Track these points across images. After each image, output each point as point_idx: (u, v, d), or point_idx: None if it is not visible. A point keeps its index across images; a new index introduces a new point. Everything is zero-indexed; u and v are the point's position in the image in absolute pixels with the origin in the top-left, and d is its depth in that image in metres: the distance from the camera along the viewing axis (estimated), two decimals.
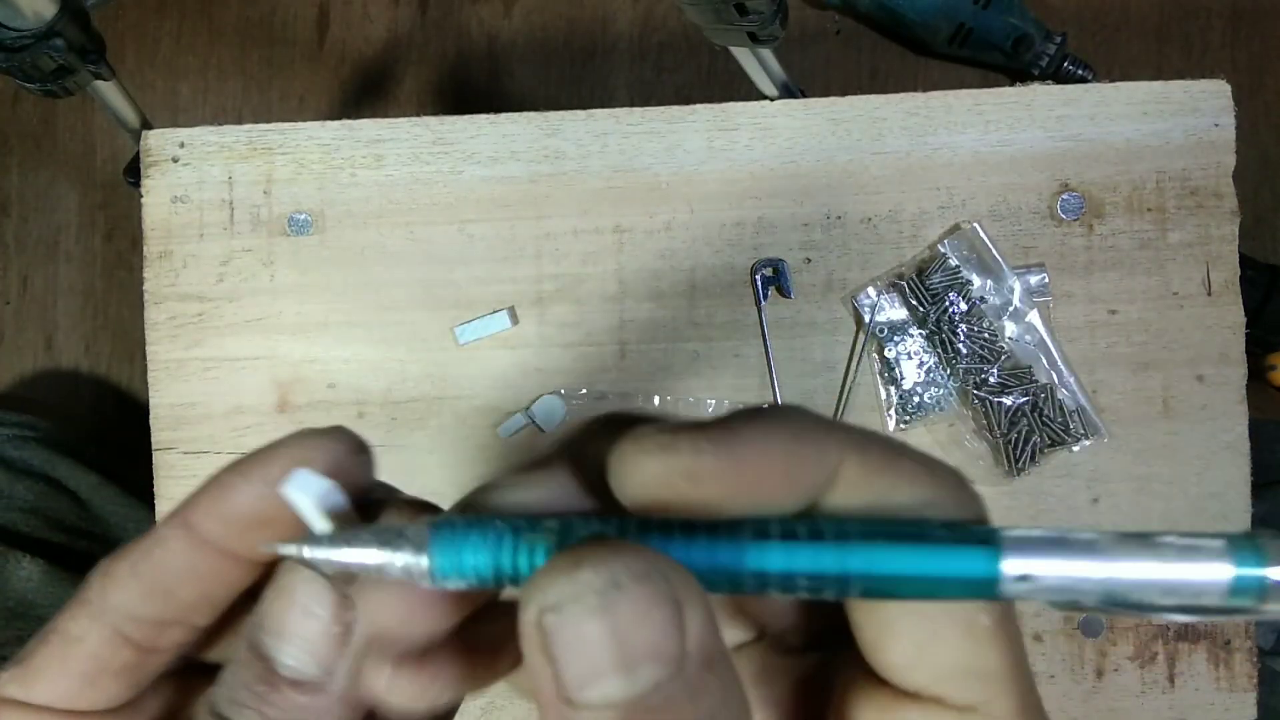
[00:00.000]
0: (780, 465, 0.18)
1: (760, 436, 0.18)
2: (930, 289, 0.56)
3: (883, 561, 0.18)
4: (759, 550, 0.18)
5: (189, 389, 0.58)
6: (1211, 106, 0.56)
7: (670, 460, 0.18)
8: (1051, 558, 0.18)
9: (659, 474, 0.18)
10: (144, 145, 0.58)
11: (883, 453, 0.19)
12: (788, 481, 0.18)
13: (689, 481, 0.18)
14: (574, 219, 0.58)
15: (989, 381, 0.56)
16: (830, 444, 0.18)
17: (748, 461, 0.18)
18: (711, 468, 0.18)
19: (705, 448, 0.18)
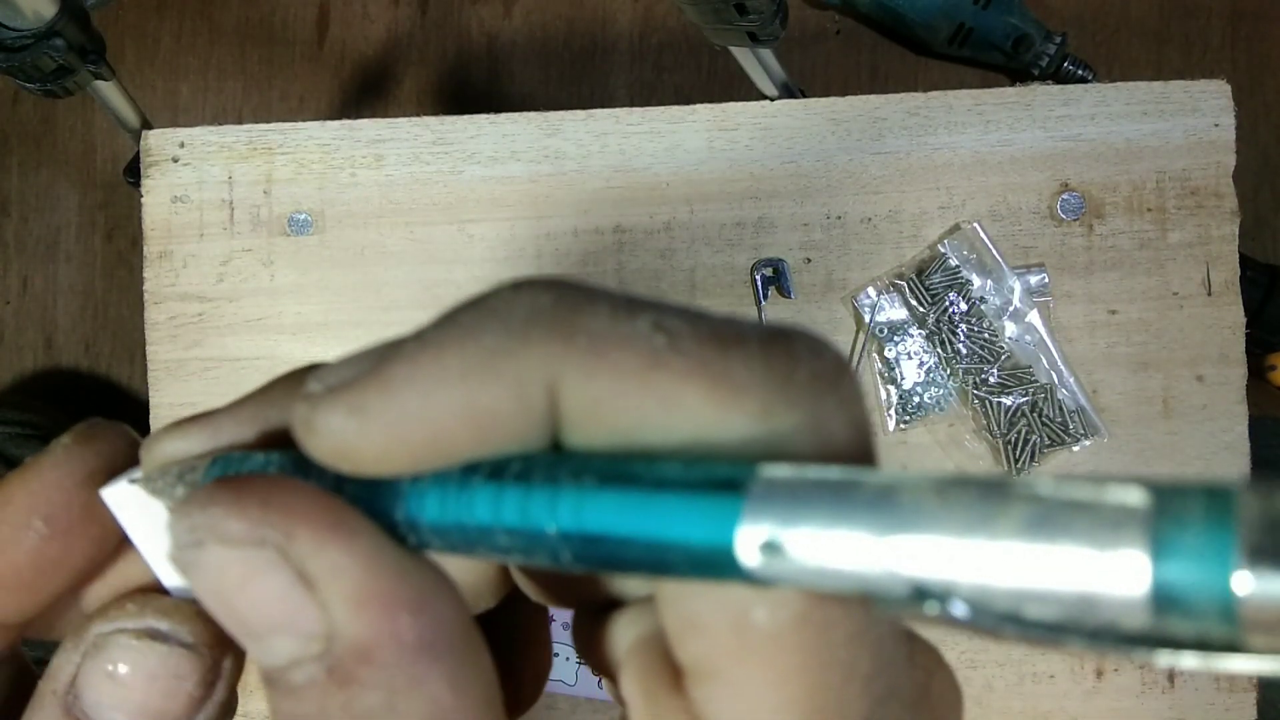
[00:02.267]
0: (451, 409, 0.13)
1: (425, 363, 0.14)
2: (930, 289, 0.56)
3: (589, 512, 0.13)
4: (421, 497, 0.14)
5: (189, 389, 0.58)
6: (1211, 106, 0.56)
7: (318, 438, 0.14)
8: (819, 518, 0.11)
9: (316, 442, 0.14)
10: (144, 145, 0.58)
11: (630, 365, 0.13)
12: (470, 428, 0.13)
13: (345, 453, 0.14)
14: (574, 219, 0.58)
15: (989, 381, 0.56)
16: (528, 363, 0.13)
17: (407, 413, 0.14)
18: (363, 444, 0.14)
19: (344, 420, 0.14)
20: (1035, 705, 0.56)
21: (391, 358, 0.14)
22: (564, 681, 0.56)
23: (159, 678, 0.17)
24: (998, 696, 0.56)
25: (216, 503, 0.14)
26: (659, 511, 0.12)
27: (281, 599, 0.14)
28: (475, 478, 0.14)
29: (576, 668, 0.56)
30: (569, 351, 0.13)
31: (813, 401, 0.13)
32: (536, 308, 0.14)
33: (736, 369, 0.13)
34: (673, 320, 0.13)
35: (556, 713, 0.57)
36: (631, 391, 0.13)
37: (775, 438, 0.12)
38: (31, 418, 0.86)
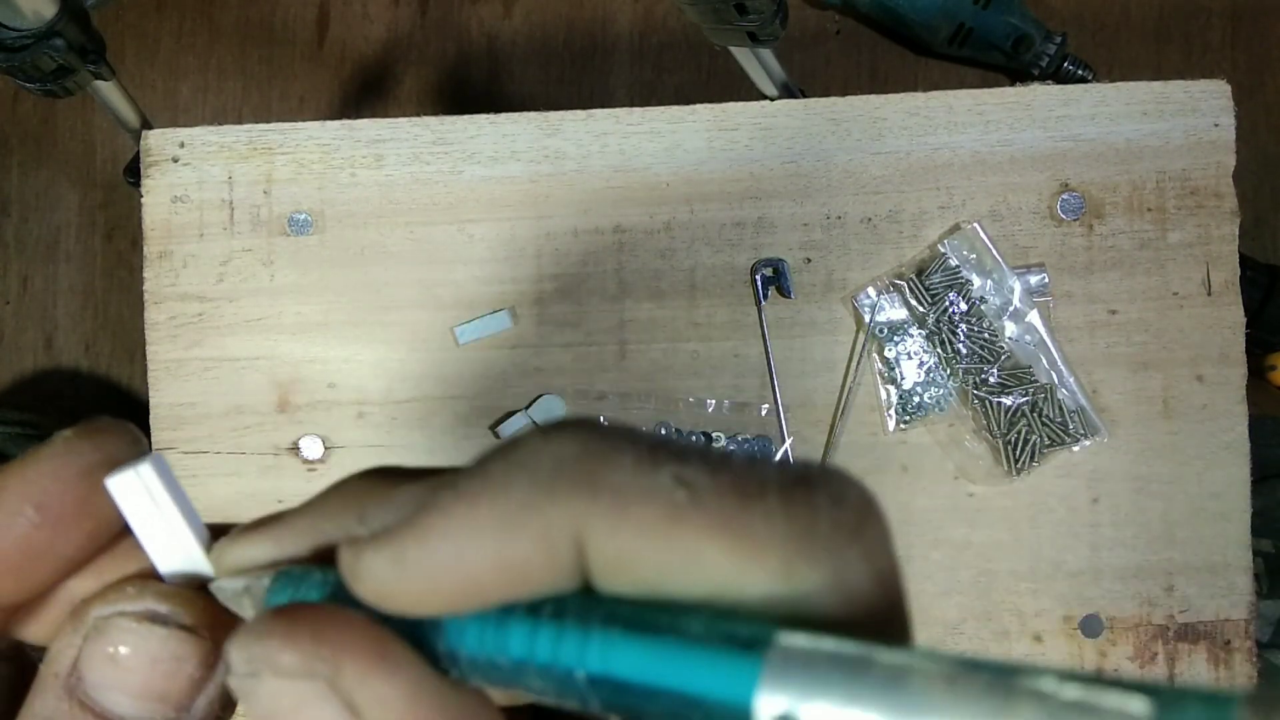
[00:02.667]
0: (484, 561, 0.14)
1: (459, 517, 0.14)
2: (930, 289, 0.56)
3: (615, 659, 0.13)
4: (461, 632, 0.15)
5: (189, 389, 0.58)
6: (1211, 106, 0.56)
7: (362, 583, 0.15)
8: (833, 696, 0.12)
9: (360, 585, 0.15)
10: (144, 145, 0.58)
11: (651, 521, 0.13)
12: (501, 578, 0.14)
13: (386, 597, 0.15)
14: (574, 219, 0.58)
15: (989, 381, 0.56)
16: (555, 519, 0.14)
17: (444, 575, 0.14)
18: (403, 591, 0.15)
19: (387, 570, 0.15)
20: None
21: (429, 507, 0.15)
22: None
23: (160, 660, 0.17)
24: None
25: (271, 635, 0.15)
26: (681, 665, 0.13)
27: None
28: (512, 617, 0.14)
29: None
30: (593, 507, 0.14)
31: (834, 557, 0.13)
32: (562, 459, 0.14)
33: (757, 525, 0.13)
34: (694, 472, 0.13)
35: None
36: (655, 546, 0.13)
37: (798, 595, 0.13)
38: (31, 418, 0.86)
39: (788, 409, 0.57)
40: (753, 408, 0.57)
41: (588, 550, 0.14)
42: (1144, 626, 0.56)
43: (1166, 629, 0.56)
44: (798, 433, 0.57)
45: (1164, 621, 0.56)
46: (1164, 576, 0.56)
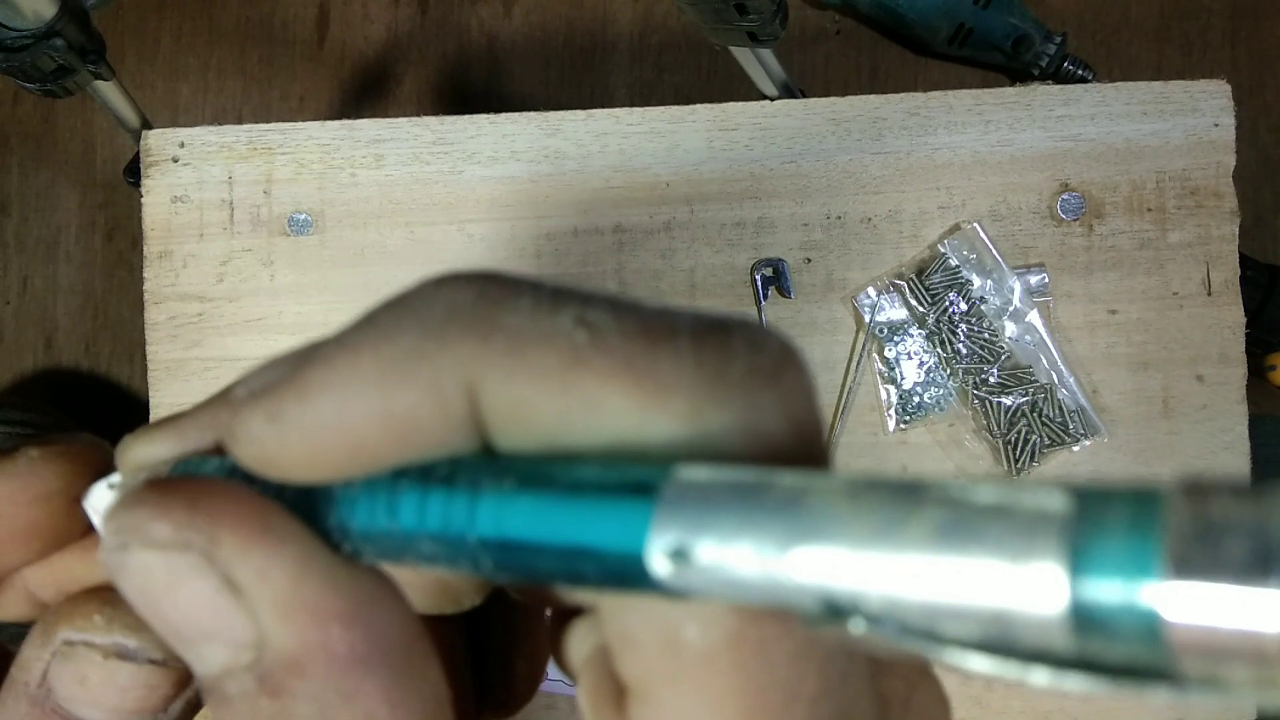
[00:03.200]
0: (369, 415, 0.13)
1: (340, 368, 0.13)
2: (930, 289, 0.56)
3: (506, 518, 0.12)
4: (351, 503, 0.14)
5: (189, 389, 0.58)
6: (1211, 106, 0.56)
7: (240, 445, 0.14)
8: (725, 525, 0.11)
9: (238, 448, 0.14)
10: (144, 145, 0.58)
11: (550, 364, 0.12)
12: (390, 433, 0.13)
13: (266, 459, 0.14)
14: (574, 219, 0.58)
15: (989, 381, 0.56)
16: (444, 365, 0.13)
17: (325, 420, 0.13)
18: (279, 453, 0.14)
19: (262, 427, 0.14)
20: (1035, 705, 0.56)
21: (309, 361, 0.14)
22: (564, 681, 0.56)
23: (130, 689, 0.17)
24: (997, 697, 0.56)
25: (143, 505, 0.14)
26: (571, 516, 0.12)
27: (209, 605, 0.13)
28: (403, 482, 0.13)
29: None
30: (486, 351, 0.12)
31: (747, 400, 0.12)
32: (455, 305, 0.13)
33: (663, 366, 0.12)
34: (598, 314, 0.12)
35: (556, 713, 0.57)
36: (552, 392, 0.12)
37: (705, 439, 0.12)
38: (31, 418, 0.86)
39: None
40: None
41: (481, 400, 0.13)
42: None
43: None
44: None
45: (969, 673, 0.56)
46: None
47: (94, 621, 0.17)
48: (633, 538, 0.11)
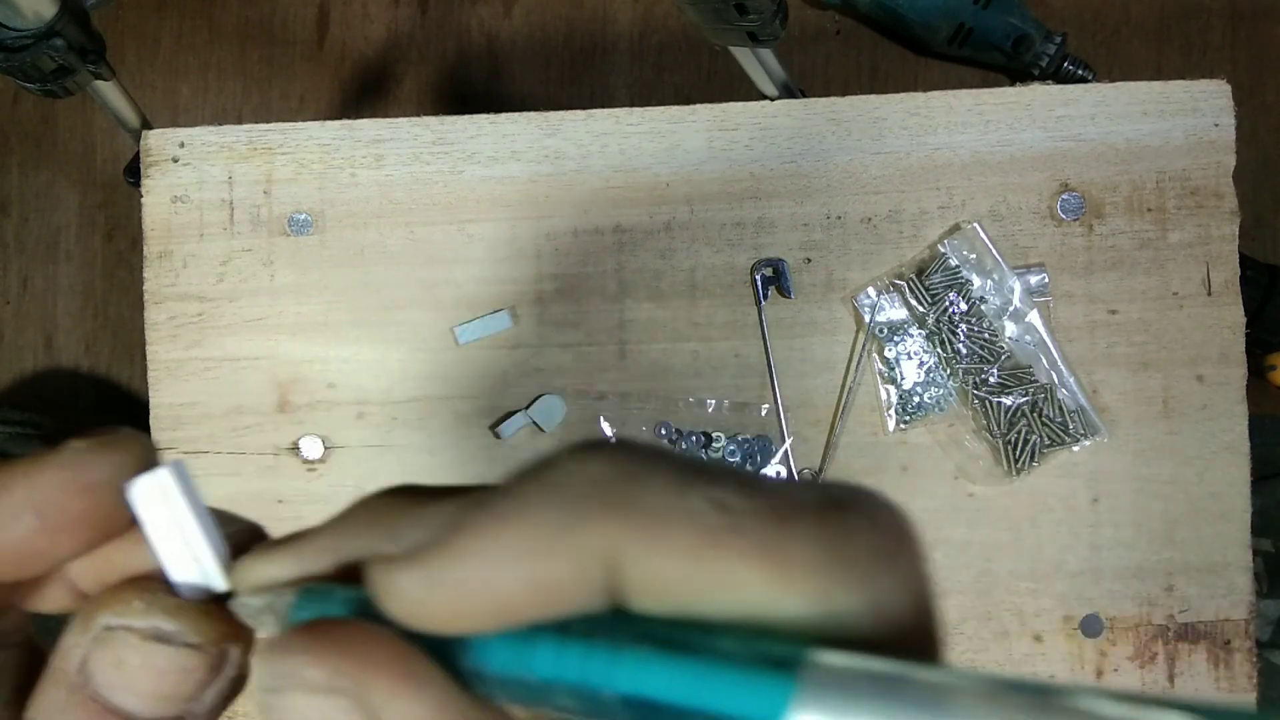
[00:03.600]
0: (515, 582, 0.14)
1: (490, 539, 0.14)
2: (930, 289, 0.56)
3: (646, 678, 0.13)
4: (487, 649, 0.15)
5: (189, 389, 0.58)
6: (1211, 106, 0.56)
7: (393, 601, 0.15)
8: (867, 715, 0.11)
9: (390, 602, 0.15)
10: (144, 145, 0.58)
11: (687, 545, 0.13)
12: (533, 598, 0.14)
13: (417, 615, 0.15)
14: (574, 219, 0.58)
15: (989, 381, 0.56)
16: (588, 543, 0.14)
17: (473, 595, 0.14)
18: (433, 606, 0.15)
19: (418, 584, 0.15)
20: None
21: (461, 527, 0.15)
22: None
23: (167, 672, 0.17)
24: None
25: (298, 650, 0.15)
26: (714, 684, 0.12)
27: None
28: (540, 635, 0.14)
29: None
30: (627, 530, 0.14)
31: (869, 582, 0.13)
32: (595, 481, 0.14)
33: (793, 549, 0.13)
34: (730, 495, 0.13)
35: None
36: (690, 570, 0.13)
37: (833, 618, 0.13)
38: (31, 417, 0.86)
39: (788, 409, 0.57)
40: (753, 408, 0.57)
41: (622, 572, 0.14)
42: (1144, 626, 0.56)
43: (1166, 629, 0.56)
44: (798, 433, 0.57)
45: (1164, 621, 0.56)
46: (1164, 576, 0.56)
47: (133, 607, 0.18)
48: (775, 712, 0.12)
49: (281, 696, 0.15)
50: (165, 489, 0.18)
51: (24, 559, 0.18)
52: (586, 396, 0.58)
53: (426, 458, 0.58)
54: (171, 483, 0.18)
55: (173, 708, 0.18)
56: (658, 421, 0.57)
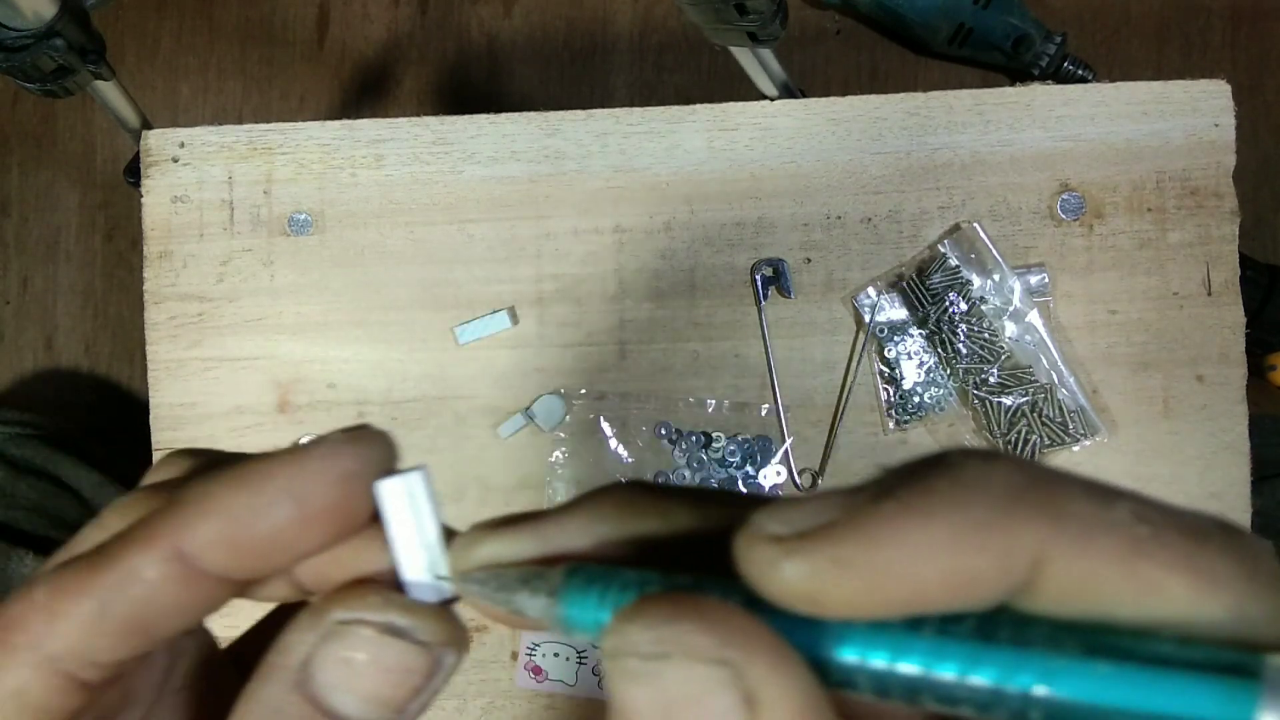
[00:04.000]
0: (936, 571, 0.14)
1: (912, 537, 0.14)
2: (930, 289, 0.56)
3: (1072, 680, 0.13)
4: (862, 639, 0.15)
5: (189, 389, 0.58)
6: (1211, 106, 0.56)
7: (781, 580, 0.15)
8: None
9: (782, 583, 0.15)
10: (144, 145, 0.58)
11: (1115, 551, 0.14)
12: (949, 588, 0.14)
13: (814, 596, 0.15)
14: (574, 219, 0.58)
15: (989, 381, 0.56)
16: (1019, 540, 0.14)
17: (887, 582, 0.14)
18: (835, 592, 0.14)
19: (826, 569, 0.14)
20: None
21: (871, 514, 0.15)
22: (564, 681, 0.56)
23: (393, 671, 0.18)
24: None
25: (685, 618, 0.15)
26: (1163, 688, 0.13)
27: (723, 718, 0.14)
28: (925, 628, 0.15)
29: (576, 668, 0.56)
30: (1057, 534, 0.14)
31: (1274, 597, 0.14)
32: (1015, 484, 0.14)
33: (1215, 562, 0.14)
34: (1148, 510, 0.14)
35: (555, 712, 0.57)
36: (1116, 575, 0.14)
37: (1242, 627, 0.14)
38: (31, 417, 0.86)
39: (788, 409, 0.57)
40: (753, 408, 0.57)
41: (1044, 573, 0.14)
42: None
43: None
44: (798, 433, 0.57)
45: None
46: None
47: (369, 601, 0.18)
48: (1236, 713, 0.13)
49: (661, 663, 0.14)
50: (413, 491, 0.18)
51: (274, 550, 0.18)
52: (586, 396, 0.58)
53: (426, 458, 0.58)
54: (420, 486, 0.18)
55: (389, 713, 0.18)
56: (658, 421, 0.57)
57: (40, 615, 0.17)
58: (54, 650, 0.17)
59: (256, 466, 0.18)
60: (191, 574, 0.17)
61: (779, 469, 0.57)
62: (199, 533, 0.17)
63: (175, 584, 0.17)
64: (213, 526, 0.17)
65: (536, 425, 0.57)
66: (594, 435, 0.58)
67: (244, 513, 0.17)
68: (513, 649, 0.57)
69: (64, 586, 0.17)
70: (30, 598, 0.17)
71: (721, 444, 0.57)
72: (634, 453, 0.58)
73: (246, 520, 0.17)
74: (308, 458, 0.18)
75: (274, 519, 0.17)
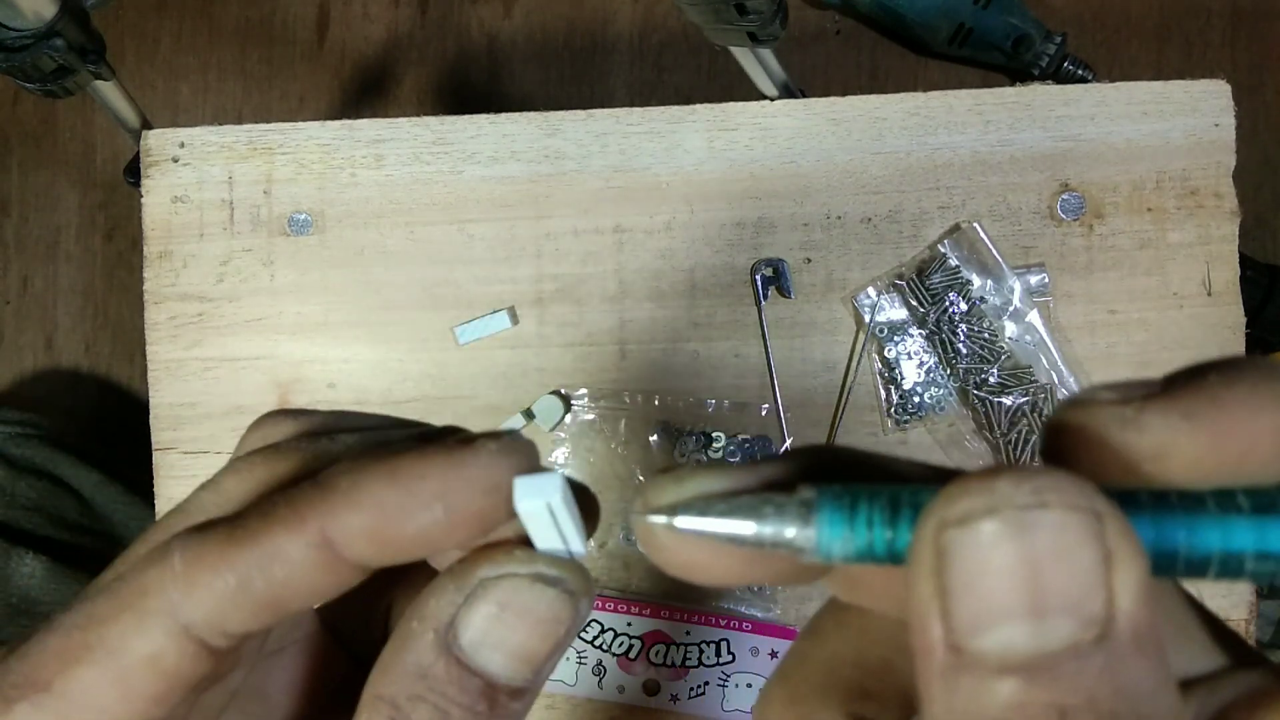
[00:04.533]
0: (1270, 431, 0.15)
1: (1246, 397, 0.15)
2: (930, 289, 0.56)
3: None
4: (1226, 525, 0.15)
5: (189, 389, 0.58)
6: (1211, 106, 0.56)
7: (1135, 435, 0.15)
8: None
9: (1137, 439, 0.15)
10: (144, 145, 0.58)
11: None
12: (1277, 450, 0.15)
13: (1155, 460, 0.15)
14: (574, 219, 0.58)
15: (989, 381, 0.56)
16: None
17: (1230, 433, 0.15)
18: (1186, 444, 0.15)
19: (1177, 422, 0.15)
20: None
21: (1202, 382, 0.15)
22: (564, 682, 0.56)
23: (542, 621, 0.18)
24: None
25: (1058, 474, 0.14)
26: None
27: (1086, 575, 0.14)
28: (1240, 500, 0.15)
29: (576, 668, 0.56)
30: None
31: None
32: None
33: None
34: None
35: (556, 712, 0.57)
36: None
37: None
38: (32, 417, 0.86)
39: (788, 409, 0.57)
40: (753, 408, 0.57)
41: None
42: None
43: None
44: (798, 433, 0.57)
45: None
46: None
47: (515, 556, 0.18)
48: None
49: (1045, 511, 0.14)
50: (553, 504, 0.18)
51: (417, 546, 0.18)
52: (586, 396, 0.58)
53: None
54: (559, 498, 0.18)
55: (529, 672, 0.18)
56: (658, 421, 0.57)
57: (178, 584, 0.17)
58: (189, 619, 0.17)
59: (411, 465, 0.18)
60: (333, 559, 0.18)
61: None
62: (349, 522, 0.17)
63: (316, 567, 0.18)
64: (363, 519, 0.17)
65: (536, 425, 0.57)
66: (594, 435, 0.58)
67: (395, 510, 0.17)
68: None
69: (204, 557, 0.17)
70: (168, 563, 0.17)
71: (721, 444, 0.57)
72: (634, 453, 0.58)
73: (397, 518, 0.17)
74: (463, 465, 0.18)
75: (424, 520, 0.17)
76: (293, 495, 0.18)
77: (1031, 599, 0.13)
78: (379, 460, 0.18)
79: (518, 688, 0.18)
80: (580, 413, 0.58)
